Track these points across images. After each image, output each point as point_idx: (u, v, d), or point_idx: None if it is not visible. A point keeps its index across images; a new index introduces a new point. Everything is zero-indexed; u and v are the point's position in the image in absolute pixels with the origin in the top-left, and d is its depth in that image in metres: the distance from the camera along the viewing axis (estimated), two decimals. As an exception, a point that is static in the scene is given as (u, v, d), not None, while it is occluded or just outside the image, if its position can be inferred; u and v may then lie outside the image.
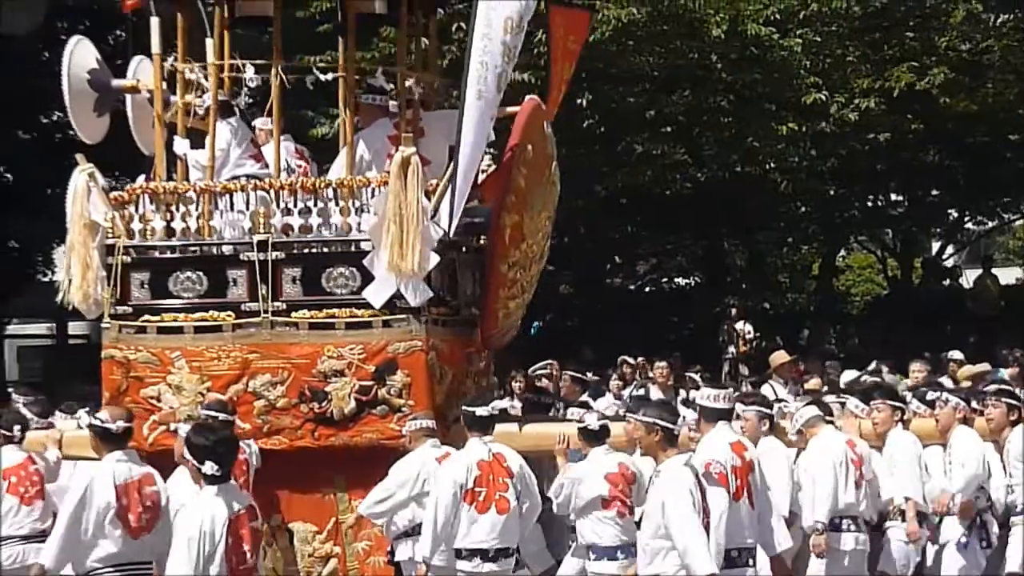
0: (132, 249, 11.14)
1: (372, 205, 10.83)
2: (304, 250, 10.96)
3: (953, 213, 27.34)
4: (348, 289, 10.89)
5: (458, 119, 10.56)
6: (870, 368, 18.31)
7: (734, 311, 23.29)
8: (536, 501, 10.10)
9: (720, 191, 24.18)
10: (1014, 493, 10.75)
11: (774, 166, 23.38)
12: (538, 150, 11.30)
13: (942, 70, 22.04)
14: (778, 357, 17.80)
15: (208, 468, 7.83)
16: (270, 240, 10.92)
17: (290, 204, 11.03)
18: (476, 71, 10.52)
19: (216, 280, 11.05)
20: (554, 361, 17.42)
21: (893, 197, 27.07)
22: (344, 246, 10.93)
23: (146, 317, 11.09)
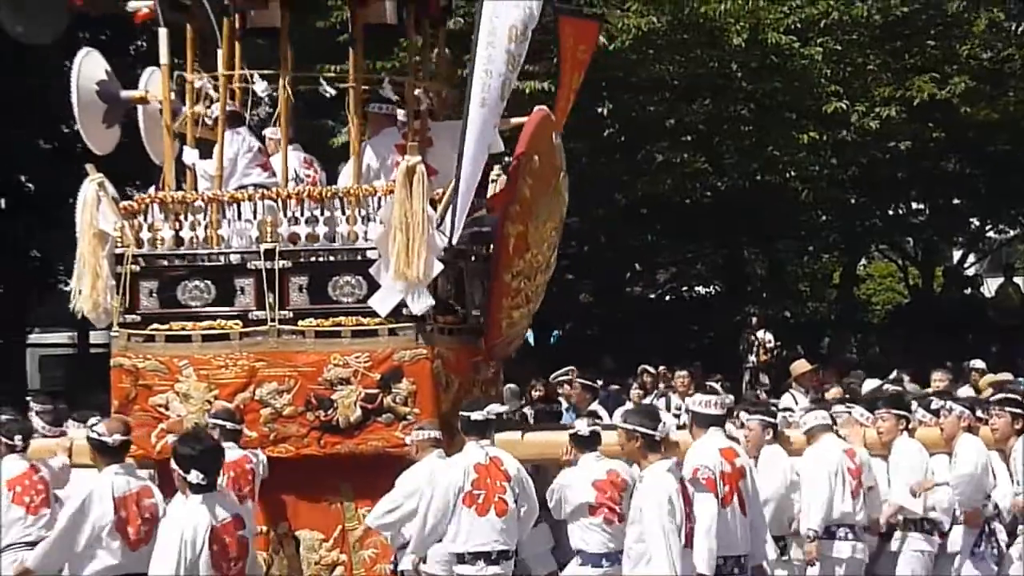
0: (141, 258, 11.20)
1: (378, 214, 10.87)
2: (311, 259, 11.00)
3: (974, 222, 27.29)
4: (354, 297, 10.92)
5: (462, 127, 10.59)
6: (891, 377, 18.28)
7: (755, 320, 23.26)
8: (533, 505, 10.12)
9: (740, 200, 24.16)
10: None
11: (794, 174, 23.36)
12: (545, 160, 11.31)
13: (963, 79, 21.99)
14: (799, 366, 17.76)
15: (194, 477, 7.88)
16: (277, 249, 10.96)
17: (297, 213, 11.07)
18: (480, 79, 10.54)
19: (224, 289, 11.09)
20: (574, 368, 17.42)
21: (914, 206, 27.00)
22: (350, 255, 10.97)
23: (155, 326, 11.14)
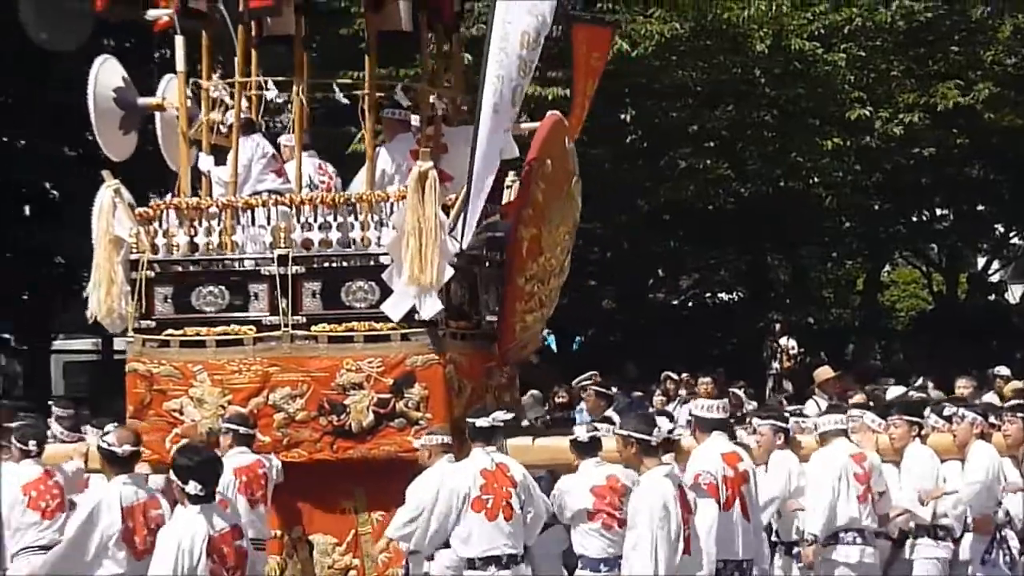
0: (156, 264, 11.25)
1: (391, 219, 10.91)
2: (324, 264, 11.03)
3: (999, 228, 27.22)
4: (367, 303, 10.94)
5: (473, 132, 10.62)
6: (916, 384, 18.24)
7: (778, 326, 23.29)
8: (540, 510, 10.13)
9: (763, 206, 24.19)
10: None
11: (818, 181, 23.39)
12: (557, 165, 11.32)
13: (987, 85, 21.97)
14: (822, 373, 17.68)
15: (192, 488, 7.97)
16: (290, 255, 11.01)
17: (311, 219, 11.10)
18: (492, 84, 10.56)
19: (238, 294, 11.13)
20: (596, 372, 17.42)
21: (938, 212, 27.01)
22: (363, 260, 10.99)
23: (169, 331, 11.19)
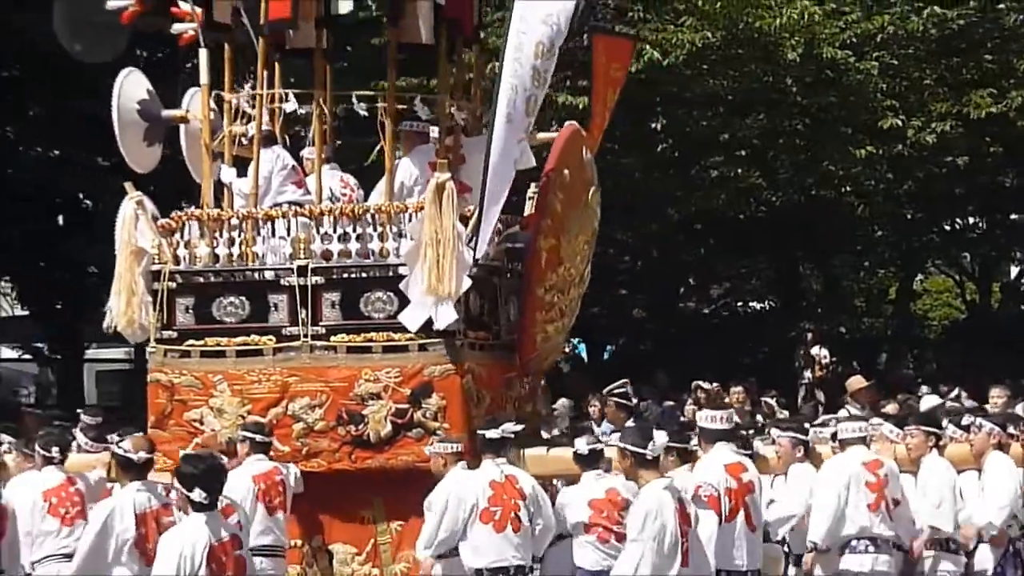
0: (177, 275, 11.36)
1: (409, 230, 10.97)
2: (343, 275, 11.10)
3: (1032, 236, 27.10)
4: (385, 313, 11.01)
5: (487, 143, 10.67)
6: (951, 395, 18.16)
7: (810, 335, 23.17)
8: (549, 522, 10.16)
9: (795, 214, 24.13)
10: None
11: (850, 189, 23.32)
12: (575, 175, 11.38)
13: (1021, 93, 21.85)
14: (855, 382, 17.65)
15: (196, 495, 8.04)
16: (310, 265, 11.09)
17: (330, 230, 11.17)
18: (506, 94, 10.61)
19: (258, 305, 11.22)
20: (628, 380, 17.40)
21: (971, 220, 26.85)
22: (382, 271, 11.06)
23: (190, 341, 11.29)
